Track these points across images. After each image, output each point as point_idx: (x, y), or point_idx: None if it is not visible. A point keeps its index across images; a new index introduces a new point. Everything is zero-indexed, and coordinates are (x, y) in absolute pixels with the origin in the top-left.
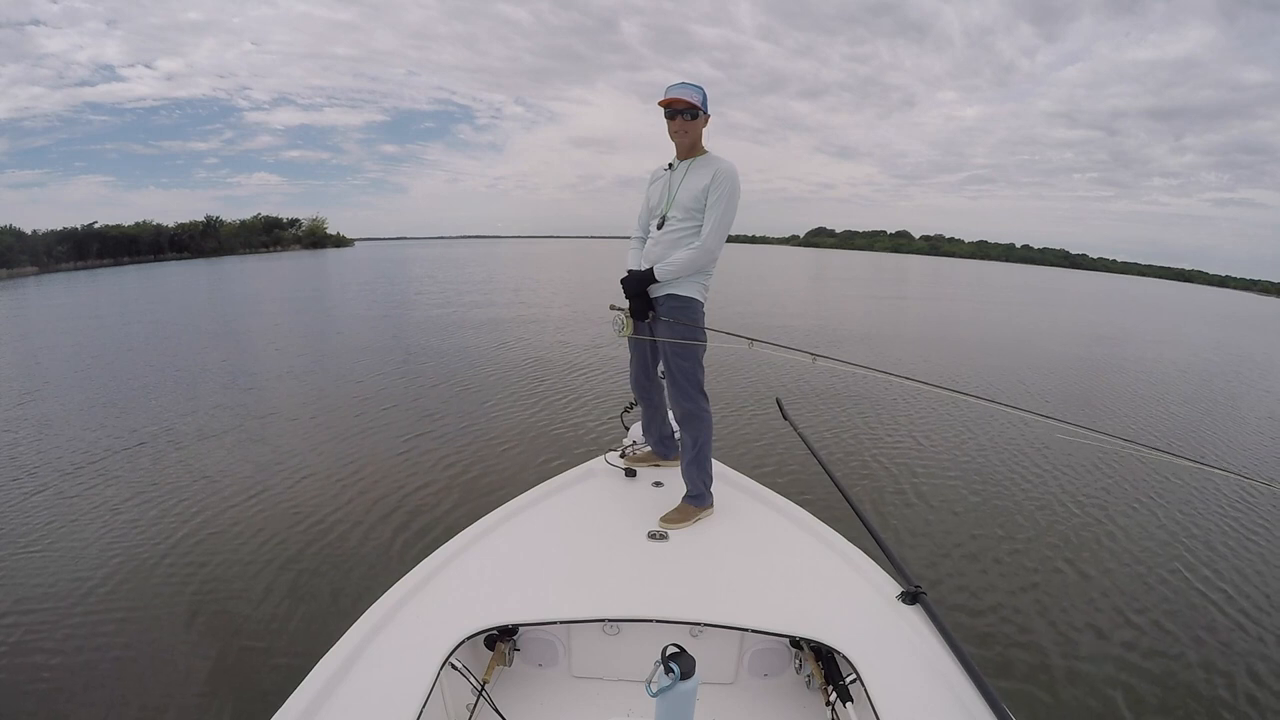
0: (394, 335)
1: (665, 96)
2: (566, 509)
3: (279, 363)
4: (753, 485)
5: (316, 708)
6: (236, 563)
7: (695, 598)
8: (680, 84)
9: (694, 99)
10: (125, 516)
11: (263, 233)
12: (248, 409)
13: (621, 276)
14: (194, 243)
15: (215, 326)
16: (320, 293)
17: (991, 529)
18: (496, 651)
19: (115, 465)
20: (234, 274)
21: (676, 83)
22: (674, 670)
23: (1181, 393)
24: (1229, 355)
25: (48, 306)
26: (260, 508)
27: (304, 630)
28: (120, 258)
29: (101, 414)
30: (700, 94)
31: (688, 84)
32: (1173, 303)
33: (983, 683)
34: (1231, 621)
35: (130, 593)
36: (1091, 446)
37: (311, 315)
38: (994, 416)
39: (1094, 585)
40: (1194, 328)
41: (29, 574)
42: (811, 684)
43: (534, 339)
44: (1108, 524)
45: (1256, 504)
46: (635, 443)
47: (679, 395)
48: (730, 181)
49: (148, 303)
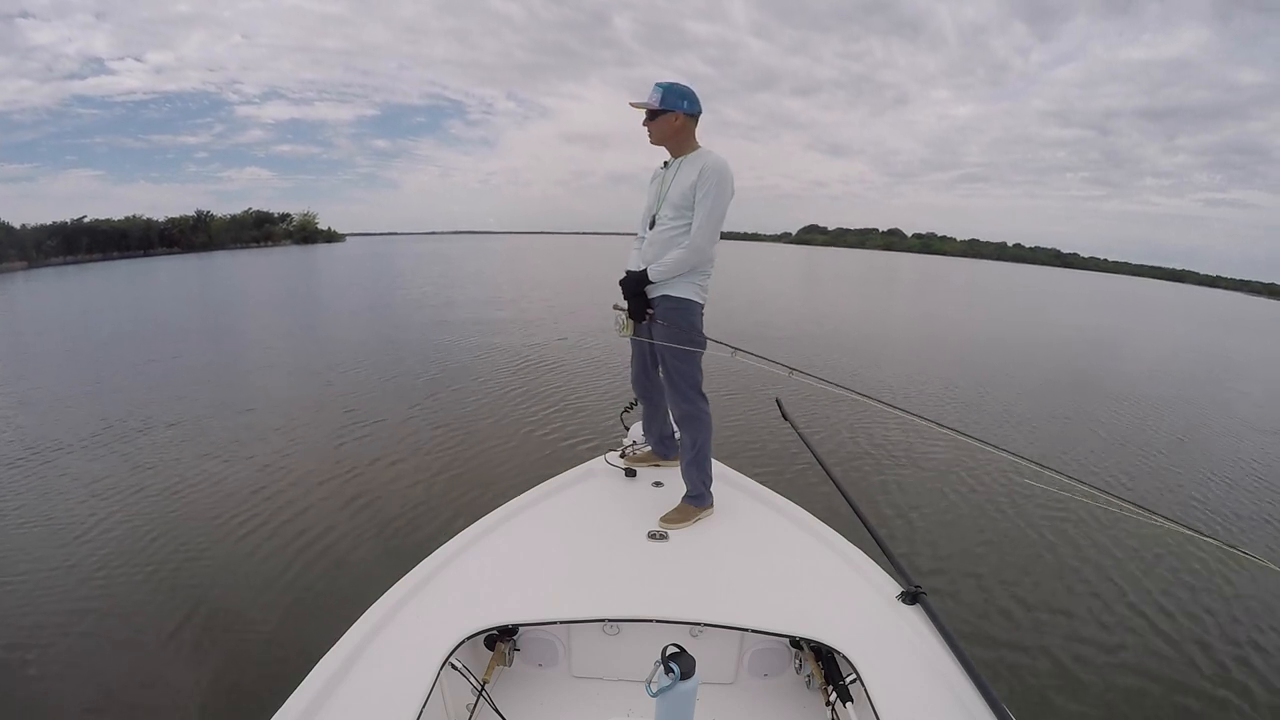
0: (393, 335)
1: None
2: (566, 509)
3: (272, 360)
4: (753, 485)
5: (316, 708)
6: (235, 563)
7: (695, 598)
8: (654, 85)
9: (651, 101)
10: (119, 517)
11: (253, 227)
12: (245, 409)
13: (620, 277)
14: (184, 237)
15: (213, 326)
16: (312, 290)
17: (992, 528)
18: (496, 651)
19: (112, 463)
20: (224, 269)
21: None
22: (674, 670)
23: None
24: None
25: (36, 305)
26: (260, 507)
27: (304, 630)
28: (110, 252)
29: (95, 408)
30: (660, 93)
31: (659, 85)
32: (1166, 304)
33: (983, 683)
34: (1233, 622)
35: (124, 592)
36: (1091, 446)
37: (306, 312)
38: (994, 417)
39: (1095, 584)
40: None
41: (17, 572)
42: (811, 684)
43: (533, 339)
44: (1108, 523)
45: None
46: (635, 443)
47: (677, 397)
48: (716, 176)
49: (143, 304)
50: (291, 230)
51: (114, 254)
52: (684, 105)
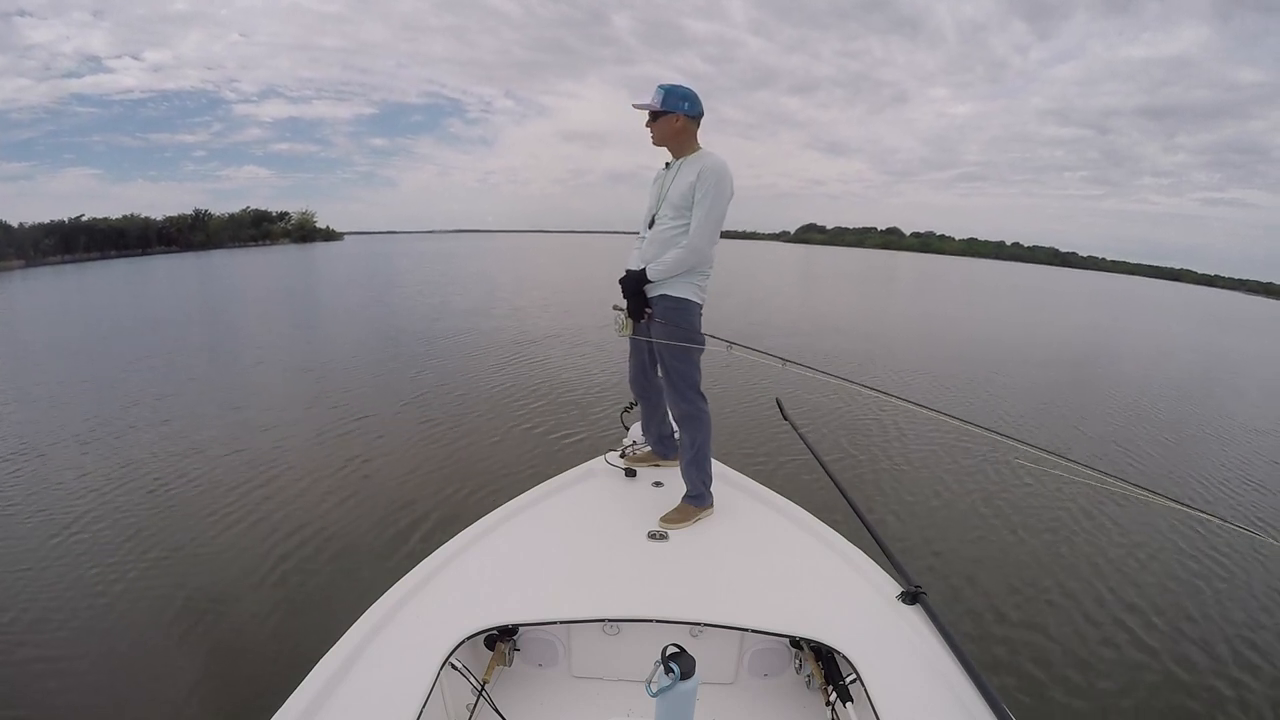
0: (392, 335)
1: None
2: (566, 509)
3: (272, 359)
4: (753, 485)
5: (316, 708)
6: (234, 563)
7: (695, 598)
8: (656, 87)
9: (653, 103)
10: (116, 515)
11: (251, 226)
12: (241, 408)
13: (620, 276)
14: (182, 236)
15: (211, 326)
16: (311, 288)
17: (992, 529)
18: (496, 651)
19: (109, 462)
20: (222, 268)
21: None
22: (674, 670)
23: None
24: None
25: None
26: (259, 507)
27: (303, 631)
28: (108, 251)
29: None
30: (661, 95)
31: (661, 86)
32: (1166, 303)
33: (983, 683)
34: (1236, 620)
35: (121, 592)
36: (1092, 446)
37: (303, 310)
38: (993, 413)
39: (1096, 584)
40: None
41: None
42: (811, 684)
43: (533, 338)
44: (1109, 523)
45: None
46: (635, 443)
47: (676, 397)
48: (715, 176)
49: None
50: (290, 229)
51: (112, 253)
52: (685, 107)
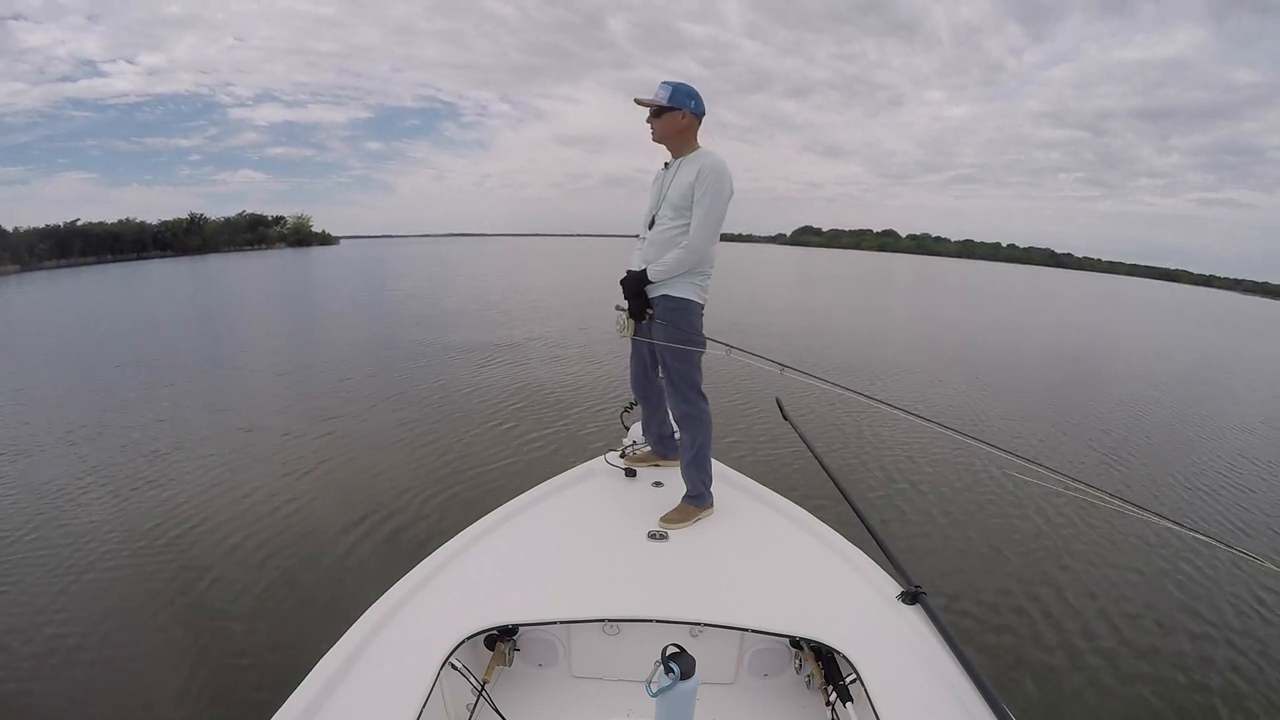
0: (391, 335)
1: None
2: (566, 509)
3: (267, 362)
4: (752, 485)
5: (316, 708)
6: (234, 564)
7: (695, 598)
8: (660, 83)
9: (659, 98)
10: (113, 513)
11: (247, 231)
12: (240, 410)
13: (621, 277)
14: (178, 241)
15: (209, 328)
16: (308, 292)
17: (992, 528)
18: (496, 651)
19: (106, 462)
20: (218, 273)
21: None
22: (674, 670)
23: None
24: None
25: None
26: (258, 507)
27: (303, 631)
28: (103, 255)
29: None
30: (668, 90)
31: (667, 83)
32: (1161, 304)
33: (983, 683)
34: (1233, 620)
35: (118, 591)
36: (1092, 446)
37: (301, 314)
38: (993, 418)
39: (1094, 584)
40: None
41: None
42: (811, 684)
43: (533, 338)
44: (1106, 523)
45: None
46: (635, 443)
47: (676, 398)
48: (714, 176)
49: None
50: (285, 233)
51: (107, 257)
52: (691, 104)
